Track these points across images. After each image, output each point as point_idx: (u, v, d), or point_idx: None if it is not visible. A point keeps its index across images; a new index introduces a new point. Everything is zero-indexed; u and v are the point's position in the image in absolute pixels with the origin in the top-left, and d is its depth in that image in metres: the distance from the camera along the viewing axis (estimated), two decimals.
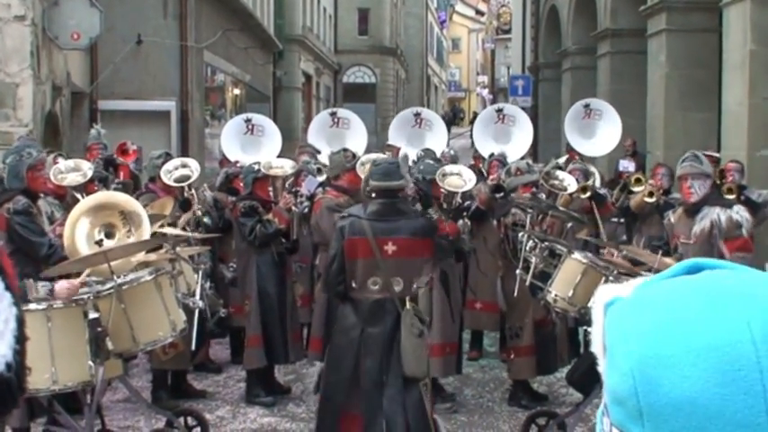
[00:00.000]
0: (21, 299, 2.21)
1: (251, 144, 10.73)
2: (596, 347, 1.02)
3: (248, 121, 11.10)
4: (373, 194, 5.93)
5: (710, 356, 0.88)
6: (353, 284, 5.79)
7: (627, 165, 11.96)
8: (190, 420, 6.81)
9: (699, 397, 0.87)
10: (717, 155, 10.95)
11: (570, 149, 12.01)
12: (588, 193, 8.86)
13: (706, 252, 6.16)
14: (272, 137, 11.04)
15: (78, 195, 7.39)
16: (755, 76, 10.89)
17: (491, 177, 9.11)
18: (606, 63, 18.45)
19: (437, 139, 11.95)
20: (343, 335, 5.86)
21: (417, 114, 12.38)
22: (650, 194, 9.12)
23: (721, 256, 6.13)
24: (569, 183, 8.51)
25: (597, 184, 10.35)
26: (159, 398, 7.81)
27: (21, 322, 1.98)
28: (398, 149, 10.94)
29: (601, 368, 1.02)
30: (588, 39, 19.95)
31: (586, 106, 12.54)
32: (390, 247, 5.72)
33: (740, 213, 6.21)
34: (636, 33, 16.53)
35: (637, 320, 0.94)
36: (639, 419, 0.90)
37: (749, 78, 10.92)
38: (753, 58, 10.89)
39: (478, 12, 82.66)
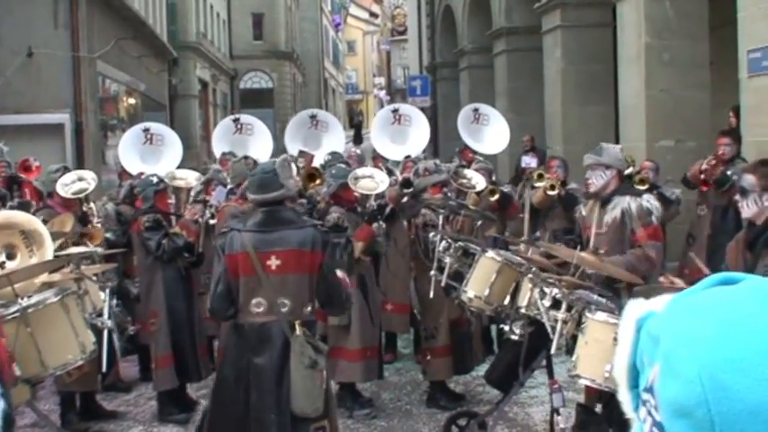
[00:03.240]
0: None
1: (150, 154, 10.47)
2: (620, 368, 0.93)
3: (146, 130, 10.82)
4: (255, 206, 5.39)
5: None
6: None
7: (529, 161, 12.13)
8: None
9: None
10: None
11: (464, 149, 12.12)
12: (497, 195, 8.91)
13: (618, 241, 6.20)
14: (172, 146, 10.81)
15: None
16: (651, 68, 11.13)
17: (403, 176, 9.08)
18: (503, 61, 18.65)
19: (334, 140, 11.88)
20: (229, 367, 5.15)
21: (313, 116, 12.34)
22: (552, 187, 9.21)
23: (632, 245, 6.19)
24: (477, 181, 8.53)
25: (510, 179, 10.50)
26: (69, 421, 7.55)
27: None
28: (312, 156, 10.84)
29: (621, 393, 0.93)
30: (484, 37, 20.16)
31: (475, 110, 12.72)
32: (274, 262, 5.03)
33: (650, 201, 6.27)
34: (531, 30, 16.75)
35: (697, 324, 0.85)
36: (711, 431, 0.81)
37: (645, 71, 11.15)
38: (648, 51, 11.12)
39: (372, 14, 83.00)
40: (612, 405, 5.76)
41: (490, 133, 12.38)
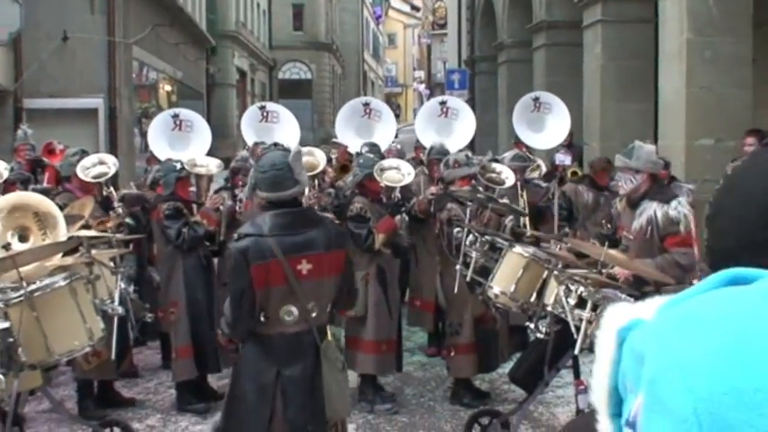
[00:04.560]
0: None
1: (179, 140, 10.29)
2: (599, 390, 0.72)
3: (176, 116, 10.64)
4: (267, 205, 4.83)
5: None
6: (262, 318, 4.59)
7: (563, 158, 11.86)
8: (117, 430, 6.48)
9: None
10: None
11: (517, 141, 11.86)
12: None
13: (646, 249, 6.07)
14: (201, 133, 10.63)
15: None
16: (692, 65, 10.82)
17: (433, 186, 8.74)
18: (542, 55, 18.39)
19: (386, 129, 11.68)
20: (251, 381, 4.63)
21: (366, 104, 12.02)
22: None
23: (662, 252, 6.02)
24: (507, 176, 8.30)
25: (543, 175, 10.29)
26: (86, 407, 7.46)
27: None
28: (345, 148, 10.66)
29: (602, 420, 0.72)
30: (523, 31, 19.89)
31: (536, 99, 12.39)
32: (305, 266, 4.56)
33: (678, 209, 6.09)
34: (571, 25, 16.47)
35: (695, 340, 0.63)
36: None
37: (686, 67, 10.84)
38: (689, 47, 10.81)
39: (414, 7, 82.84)
40: None
41: (551, 122, 12.05)
